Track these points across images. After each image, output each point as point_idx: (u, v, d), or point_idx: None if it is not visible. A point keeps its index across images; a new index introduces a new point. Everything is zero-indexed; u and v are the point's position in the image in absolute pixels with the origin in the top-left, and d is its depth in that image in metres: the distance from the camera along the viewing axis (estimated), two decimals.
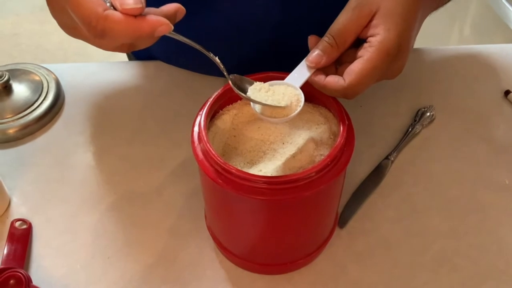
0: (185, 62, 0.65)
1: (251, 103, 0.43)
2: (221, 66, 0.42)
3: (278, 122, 0.42)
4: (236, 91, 0.42)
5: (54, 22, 0.44)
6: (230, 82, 0.42)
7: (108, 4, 0.37)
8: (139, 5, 0.36)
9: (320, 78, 0.43)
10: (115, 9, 0.37)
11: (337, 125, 0.43)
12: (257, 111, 0.42)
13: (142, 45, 0.41)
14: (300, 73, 0.44)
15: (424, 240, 0.50)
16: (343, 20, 0.44)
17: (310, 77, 0.43)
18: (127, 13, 0.36)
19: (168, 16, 0.39)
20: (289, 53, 0.49)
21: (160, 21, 0.37)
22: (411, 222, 0.52)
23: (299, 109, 0.42)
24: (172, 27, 0.38)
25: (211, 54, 0.42)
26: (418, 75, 0.66)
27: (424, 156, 0.57)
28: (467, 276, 0.48)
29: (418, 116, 0.61)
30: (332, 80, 0.42)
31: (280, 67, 0.45)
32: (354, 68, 0.42)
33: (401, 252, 0.49)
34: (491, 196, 0.54)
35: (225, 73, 0.42)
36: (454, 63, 0.68)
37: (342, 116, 0.42)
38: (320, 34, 0.45)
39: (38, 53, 1.92)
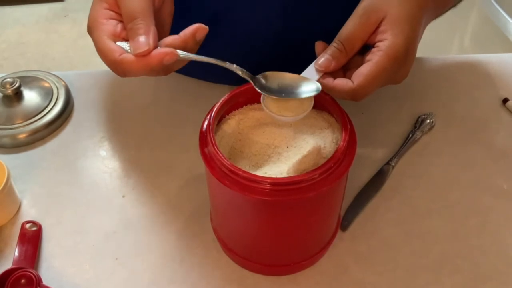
0: (192, 70, 0.67)
1: (262, 103, 0.44)
2: (239, 71, 0.44)
3: (289, 120, 0.44)
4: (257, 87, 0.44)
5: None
6: (251, 81, 0.44)
7: (127, 48, 0.44)
8: (146, 47, 0.43)
9: (329, 81, 0.44)
10: None
11: (339, 129, 0.44)
12: (269, 110, 0.44)
13: (169, 71, 0.46)
14: (308, 76, 0.45)
15: (425, 242, 0.51)
16: (351, 26, 0.45)
17: (318, 80, 0.45)
18: (138, 56, 0.43)
19: (186, 40, 0.45)
20: (293, 60, 0.50)
21: (164, 52, 0.43)
22: (412, 225, 0.53)
23: (309, 108, 0.43)
24: (178, 54, 0.43)
25: (227, 63, 0.44)
26: (419, 83, 0.67)
27: (424, 161, 0.59)
28: (468, 277, 0.49)
29: (419, 123, 0.62)
30: (341, 82, 0.44)
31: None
32: (363, 71, 0.43)
33: (402, 254, 0.50)
34: (490, 200, 0.55)
35: (247, 77, 0.44)
36: (454, 71, 0.70)
37: (344, 120, 0.43)
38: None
39: (44, 61, 1.95)
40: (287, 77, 0.45)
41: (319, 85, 0.44)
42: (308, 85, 0.44)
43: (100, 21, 0.46)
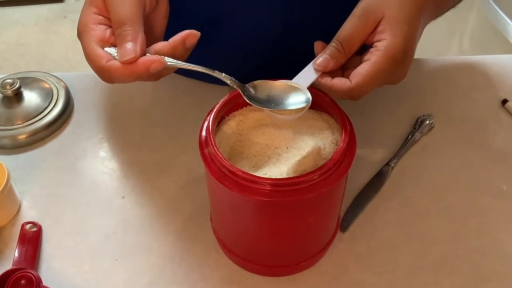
0: (192, 71, 0.67)
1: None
2: (228, 80, 0.44)
3: (288, 119, 0.44)
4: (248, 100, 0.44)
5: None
6: (241, 92, 0.44)
7: (115, 54, 0.44)
8: (133, 55, 0.43)
9: (327, 80, 0.45)
10: None
11: (339, 130, 0.44)
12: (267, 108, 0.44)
13: (158, 77, 0.46)
14: (307, 75, 0.45)
15: (424, 243, 0.51)
16: (350, 27, 0.45)
17: (316, 80, 0.45)
18: (124, 63, 0.43)
19: (175, 47, 0.44)
20: (293, 61, 0.50)
21: (151, 60, 0.43)
22: (412, 226, 0.53)
23: (306, 108, 0.43)
24: (165, 62, 0.43)
25: (216, 72, 0.44)
26: (418, 84, 0.68)
27: (424, 163, 0.59)
28: (468, 278, 0.49)
29: (418, 124, 0.62)
30: (339, 82, 0.44)
31: (283, 76, 0.47)
32: (361, 70, 0.44)
33: (402, 255, 0.51)
34: (489, 201, 0.55)
35: (236, 87, 0.44)
36: (453, 73, 0.70)
37: (344, 121, 0.43)
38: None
39: (44, 62, 1.95)
40: (277, 87, 0.45)
41: (309, 95, 0.44)
42: (298, 96, 0.44)
43: (90, 26, 0.46)
